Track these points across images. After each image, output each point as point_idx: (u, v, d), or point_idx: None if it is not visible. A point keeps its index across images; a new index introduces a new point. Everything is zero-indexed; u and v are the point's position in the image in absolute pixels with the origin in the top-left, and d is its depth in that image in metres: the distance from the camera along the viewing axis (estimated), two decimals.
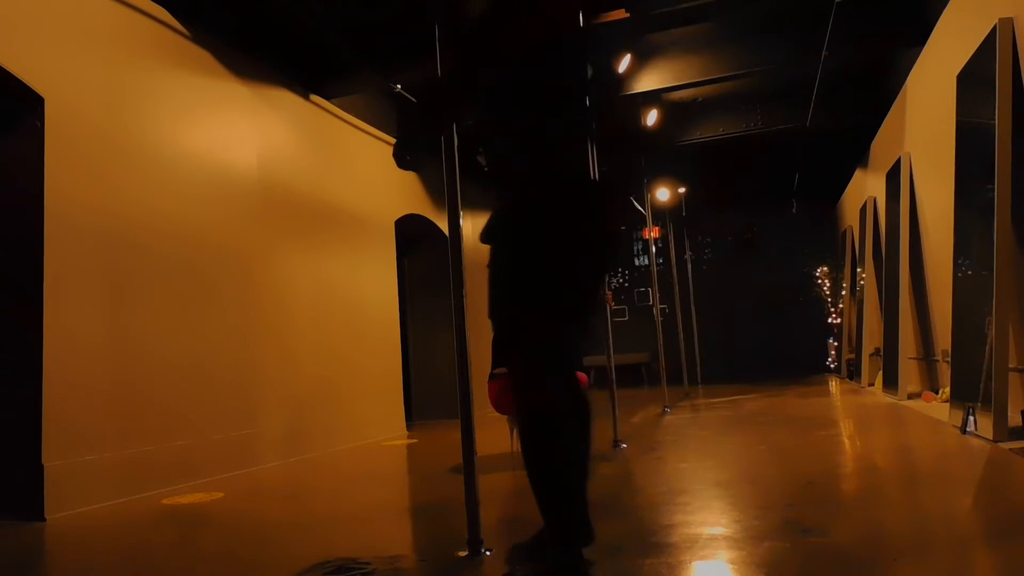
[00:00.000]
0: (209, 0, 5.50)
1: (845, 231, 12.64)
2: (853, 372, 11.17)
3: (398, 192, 8.29)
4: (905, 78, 7.63)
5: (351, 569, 2.53)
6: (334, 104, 7.09)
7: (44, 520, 3.84)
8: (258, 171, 5.91)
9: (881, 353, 8.85)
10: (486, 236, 2.26)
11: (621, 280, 15.99)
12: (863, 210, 10.32)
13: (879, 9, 6.94)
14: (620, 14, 6.24)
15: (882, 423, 6.16)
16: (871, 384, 9.46)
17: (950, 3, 5.97)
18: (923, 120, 7.14)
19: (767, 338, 15.17)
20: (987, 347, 4.67)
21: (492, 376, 4.98)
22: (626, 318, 15.47)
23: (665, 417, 7.39)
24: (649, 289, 15.13)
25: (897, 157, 8.02)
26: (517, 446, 5.17)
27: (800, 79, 8.29)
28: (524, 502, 3.68)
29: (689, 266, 14.10)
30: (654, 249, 10.26)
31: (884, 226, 8.92)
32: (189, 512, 3.97)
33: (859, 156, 10.80)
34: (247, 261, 5.70)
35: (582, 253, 2.20)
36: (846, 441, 5.22)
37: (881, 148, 9.35)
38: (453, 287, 2.76)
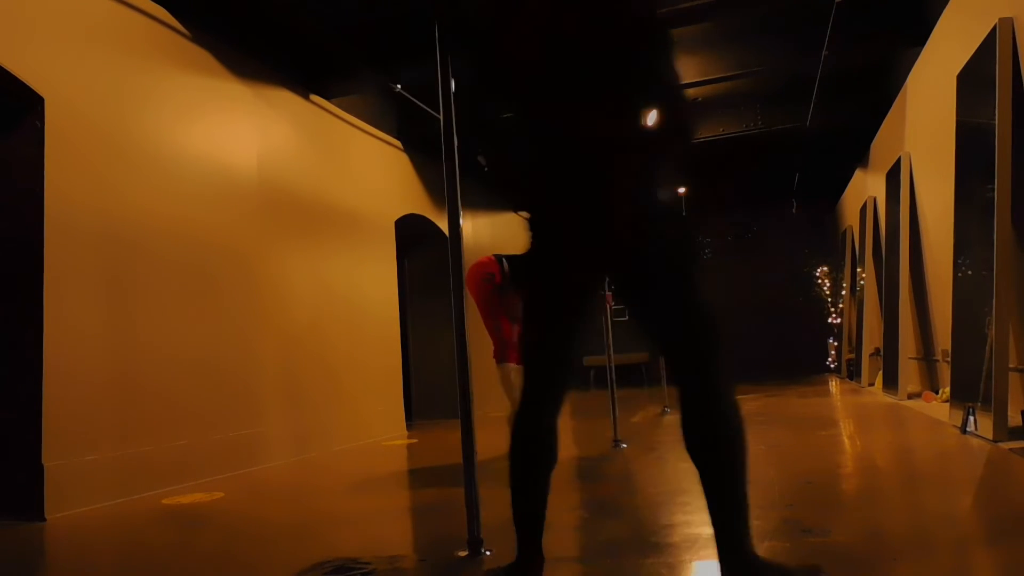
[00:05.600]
0: (209, 0, 5.49)
1: (845, 231, 12.64)
2: (853, 372, 11.17)
3: (398, 192, 8.29)
4: (905, 78, 7.63)
5: (351, 569, 2.53)
6: (334, 104, 7.08)
7: (44, 520, 3.83)
8: (258, 171, 5.91)
9: (881, 353, 8.85)
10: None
11: None
12: (863, 210, 10.32)
13: (879, 9, 6.93)
14: None
15: (882, 423, 6.16)
16: (871, 384, 9.46)
17: (950, 3, 5.96)
18: (923, 120, 7.14)
19: (766, 338, 15.14)
20: (987, 347, 4.66)
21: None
22: (626, 318, 15.42)
23: (665, 417, 7.38)
24: None
25: (897, 157, 8.02)
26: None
27: (800, 79, 8.27)
28: None
29: None
30: None
31: (884, 226, 8.92)
32: (189, 512, 3.97)
33: (859, 156, 10.79)
34: (247, 261, 5.69)
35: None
36: (846, 441, 5.22)
37: (881, 148, 9.35)
38: (453, 287, 2.76)
